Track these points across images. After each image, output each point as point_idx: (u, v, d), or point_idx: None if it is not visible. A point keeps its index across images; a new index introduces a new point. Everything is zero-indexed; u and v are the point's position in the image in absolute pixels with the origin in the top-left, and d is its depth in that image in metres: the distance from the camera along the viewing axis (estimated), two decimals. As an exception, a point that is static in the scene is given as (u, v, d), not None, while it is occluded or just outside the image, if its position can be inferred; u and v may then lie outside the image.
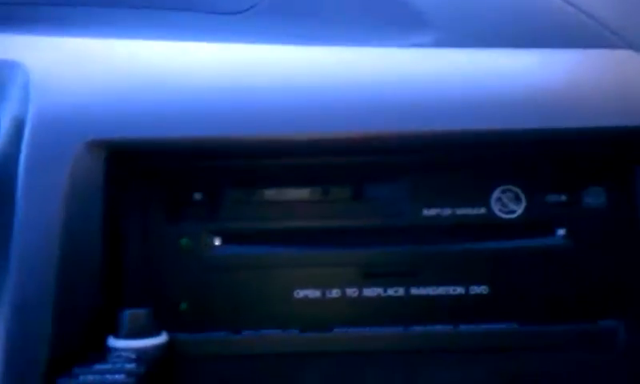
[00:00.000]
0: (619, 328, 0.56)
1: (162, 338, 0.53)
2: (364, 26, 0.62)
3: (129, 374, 0.46)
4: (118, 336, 0.52)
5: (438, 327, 0.57)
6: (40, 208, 0.51)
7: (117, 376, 0.45)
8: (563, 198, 0.61)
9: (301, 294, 0.60)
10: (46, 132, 0.53)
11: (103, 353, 0.50)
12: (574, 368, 0.53)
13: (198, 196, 0.61)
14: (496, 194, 0.61)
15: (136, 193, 0.59)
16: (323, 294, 0.60)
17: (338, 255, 0.61)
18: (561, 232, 0.61)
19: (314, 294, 0.60)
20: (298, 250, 0.61)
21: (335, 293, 0.60)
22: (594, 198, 0.61)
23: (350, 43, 0.60)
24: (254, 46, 0.60)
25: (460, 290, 0.60)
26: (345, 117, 0.54)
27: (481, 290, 0.60)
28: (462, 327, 0.57)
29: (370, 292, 0.60)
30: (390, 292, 0.60)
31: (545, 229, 0.61)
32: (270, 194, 0.62)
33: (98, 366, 0.47)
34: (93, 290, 0.53)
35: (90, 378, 0.45)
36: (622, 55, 0.58)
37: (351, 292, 0.60)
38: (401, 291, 0.60)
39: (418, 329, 0.57)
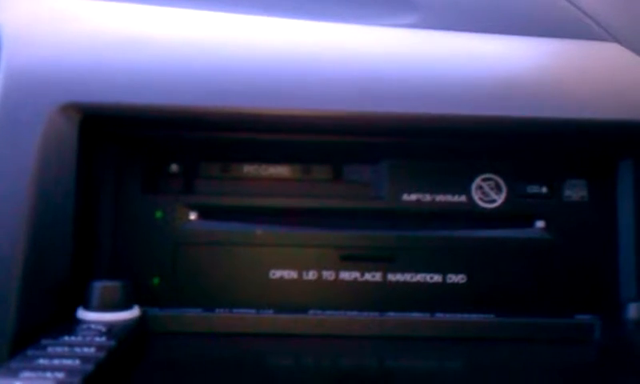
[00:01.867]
0: (595, 323, 0.55)
1: (133, 312, 0.51)
2: (349, 2, 0.60)
3: (99, 347, 0.44)
4: (88, 308, 0.50)
5: (414, 314, 0.56)
6: (10, 172, 0.49)
7: (86, 349, 0.43)
8: (544, 189, 0.60)
9: (277, 274, 0.59)
10: (18, 93, 0.51)
11: (72, 324, 0.48)
12: (550, 361, 0.52)
13: (175, 168, 0.59)
14: (477, 182, 0.60)
15: (111, 160, 0.57)
16: (299, 275, 0.59)
17: (315, 236, 0.60)
18: (540, 224, 0.60)
19: (289, 274, 0.59)
20: (275, 228, 0.59)
21: (311, 275, 0.59)
22: (574, 191, 0.61)
23: (334, 19, 0.58)
24: (237, 16, 0.58)
25: (437, 277, 0.60)
26: (326, 94, 0.53)
27: (458, 278, 0.60)
28: (439, 315, 0.56)
29: (346, 276, 0.59)
30: (367, 277, 0.60)
31: (524, 220, 0.61)
32: (249, 169, 0.60)
33: (67, 338, 0.45)
34: (63, 259, 0.51)
35: (59, 349, 0.43)
36: (609, 48, 0.57)
37: (328, 275, 0.59)
38: (378, 276, 0.60)
39: (393, 315, 0.56)
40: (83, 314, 0.50)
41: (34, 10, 0.56)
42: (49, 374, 0.39)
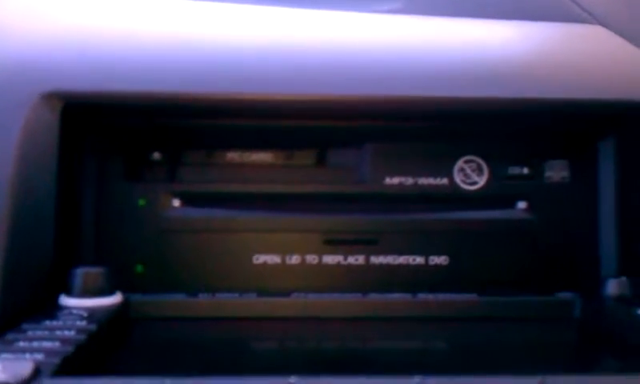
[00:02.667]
0: (576, 300, 0.56)
1: (115, 298, 0.52)
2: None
3: (79, 330, 0.44)
4: (70, 294, 0.51)
5: (397, 295, 0.57)
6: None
7: (66, 332, 0.44)
8: (526, 170, 0.61)
9: (260, 259, 0.59)
10: None
11: (53, 310, 0.49)
12: (531, 338, 0.53)
13: (157, 155, 0.60)
14: (459, 164, 0.61)
15: (93, 149, 0.58)
16: (283, 259, 0.59)
17: (298, 221, 0.60)
18: (522, 205, 0.61)
19: (273, 259, 0.59)
20: (258, 214, 0.60)
21: (295, 259, 0.60)
22: (556, 171, 0.61)
23: (318, 6, 0.59)
24: (219, 4, 0.58)
25: (420, 259, 0.60)
26: (309, 79, 0.53)
27: (441, 260, 0.60)
28: (421, 296, 0.56)
29: (329, 259, 0.60)
30: (350, 260, 0.60)
31: (506, 201, 0.61)
32: (232, 156, 0.61)
33: (48, 322, 0.45)
34: (46, 247, 0.51)
35: (39, 333, 0.43)
36: (592, 31, 0.58)
37: (311, 259, 0.60)
38: (360, 260, 0.60)
39: (376, 296, 0.56)
40: (65, 301, 0.51)
41: (13, 0, 0.56)
42: (28, 356, 0.39)
